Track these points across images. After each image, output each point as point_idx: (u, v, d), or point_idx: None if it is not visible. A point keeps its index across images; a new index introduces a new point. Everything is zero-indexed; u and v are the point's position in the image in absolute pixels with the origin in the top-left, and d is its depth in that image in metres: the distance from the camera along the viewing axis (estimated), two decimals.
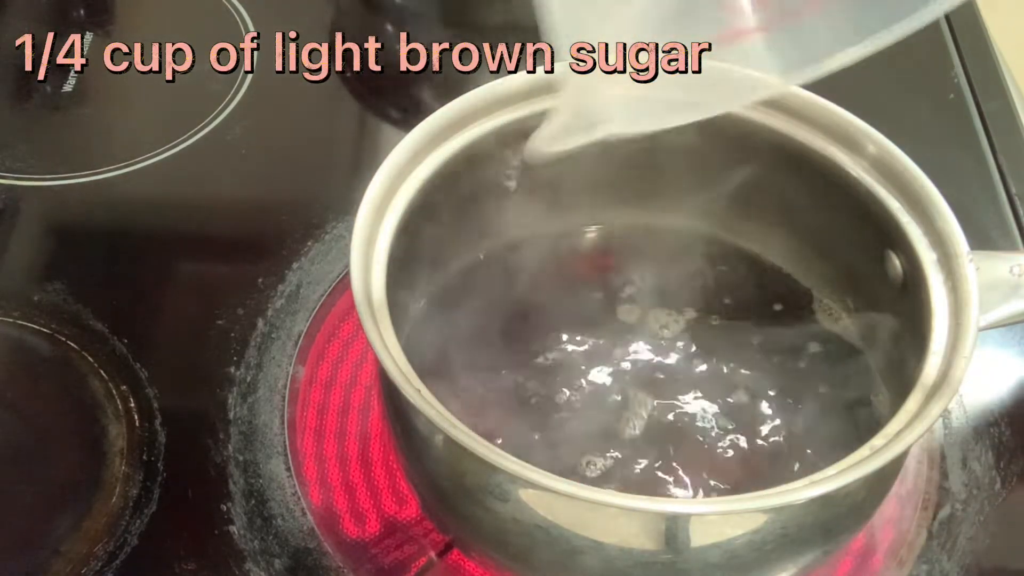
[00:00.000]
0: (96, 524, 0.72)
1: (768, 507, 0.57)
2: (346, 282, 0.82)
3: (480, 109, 0.71)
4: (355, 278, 0.62)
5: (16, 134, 0.96)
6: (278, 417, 0.77)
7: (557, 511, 0.59)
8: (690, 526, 0.58)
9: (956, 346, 0.60)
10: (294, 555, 0.71)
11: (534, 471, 0.55)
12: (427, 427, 0.62)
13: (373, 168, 0.66)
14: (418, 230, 0.69)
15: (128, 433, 0.76)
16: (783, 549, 0.60)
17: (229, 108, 0.98)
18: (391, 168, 0.67)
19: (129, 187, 0.92)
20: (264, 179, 0.95)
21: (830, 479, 0.55)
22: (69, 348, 0.80)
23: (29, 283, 0.85)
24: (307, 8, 1.10)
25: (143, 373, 0.79)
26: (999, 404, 0.78)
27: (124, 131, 0.98)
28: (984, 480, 0.74)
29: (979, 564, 0.71)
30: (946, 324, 0.62)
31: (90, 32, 1.05)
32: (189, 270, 0.88)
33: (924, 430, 0.57)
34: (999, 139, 0.95)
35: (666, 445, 0.69)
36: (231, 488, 0.74)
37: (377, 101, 1.01)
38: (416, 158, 0.68)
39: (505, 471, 0.55)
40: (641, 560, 0.59)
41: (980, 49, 1.04)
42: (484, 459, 0.55)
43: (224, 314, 0.82)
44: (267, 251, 0.87)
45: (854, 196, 0.69)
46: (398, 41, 1.06)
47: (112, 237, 0.90)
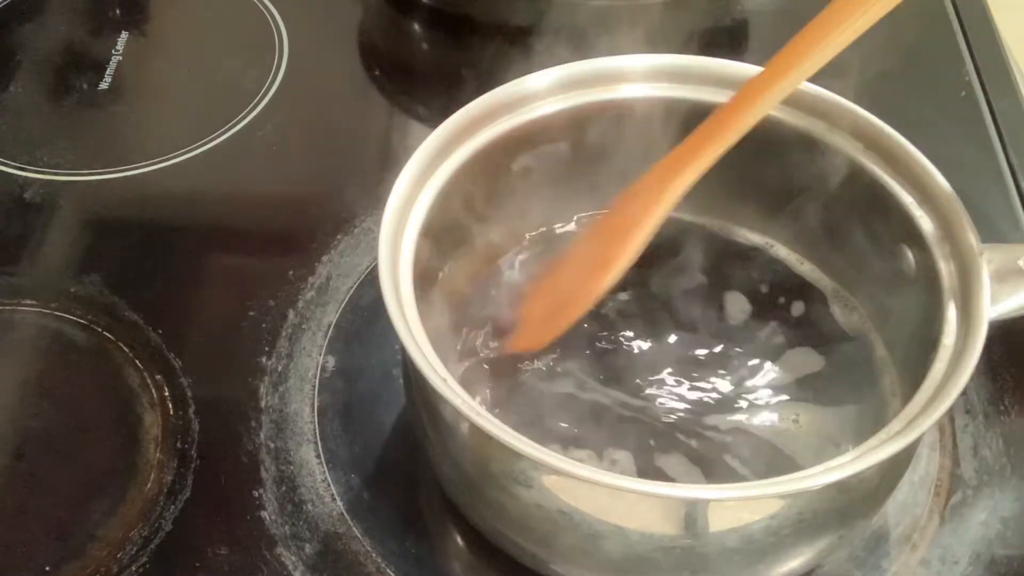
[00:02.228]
0: (131, 510, 0.72)
1: (785, 493, 0.57)
2: (375, 274, 0.83)
3: (505, 105, 0.71)
4: (383, 269, 0.62)
5: (54, 130, 0.97)
6: (308, 405, 0.78)
7: (579, 497, 0.59)
8: (709, 511, 0.58)
9: (967, 337, 0.60)
10: (324, 540, 0.71)
11: (557, 458, 0.56)
12: (453, 415, 0.62)
13: (401, 163, 0.67)
14: (444, 224, 0.69)
15: (162, 421, 0.76)
16: (799, 534, 0.61)
17: (261, 105, 0.98)
18: (419, 162, 0.68)
19: (163, 182, 0.93)
20: (295, 174, 0.95)
21: (845, 466, 0.56)
22: (105, 339, 0.81)
23: (66, 275, 0.85)
24: (336, 7, 1.11)
25: (177, 363, 0.80)
26: (1010, 392, 0.78)
27: (159, 128, 0.99)
28: (995, 467, 0.75)
29: (990, 549, 0.71)
30: (957, 316, 0.62)
31: (126, 31, 1.05)
32: (221, 263, 0.89)
33: (936, 418, 0.57)
34: (1009, 136, 0.95)
35: (686, 430, 0.70)
36: (262, 475, 0.74)
37: (404, 98, 1.01)
38: (443, 153, 0.69)
39: (529, 458, 0.56)
40: (661, 545, 0.60)
41: (990, 47, 1.04)
42: (509, 447, 0.56)
43: (256, 305, 0.83)
44: (298, 244, 0.87)
45: (868, 190, 0.69)
46: (425, 40, 1.07)
47: (147, 231, 0.90)
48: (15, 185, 0.92)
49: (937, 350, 0.61)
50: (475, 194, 0.72)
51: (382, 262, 0.63)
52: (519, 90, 0.72)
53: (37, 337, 0.82)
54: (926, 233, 0.66)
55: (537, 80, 0.72)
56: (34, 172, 0.93)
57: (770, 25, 1.05)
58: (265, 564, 0.70)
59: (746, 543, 0.60)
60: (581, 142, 0.74)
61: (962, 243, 0.64)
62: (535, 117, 0.72)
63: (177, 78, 1.03)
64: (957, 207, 0.65)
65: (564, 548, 0.63)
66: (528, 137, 0.73)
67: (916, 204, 0.67)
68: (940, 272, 0.64)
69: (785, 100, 0.69)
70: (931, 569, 0.71)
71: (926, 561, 0.71)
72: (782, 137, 0.71)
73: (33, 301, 0.84)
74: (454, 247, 0.73)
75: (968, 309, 0.62)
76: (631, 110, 0.73)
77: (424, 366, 0.59)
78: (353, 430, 0.77)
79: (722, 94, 0.71)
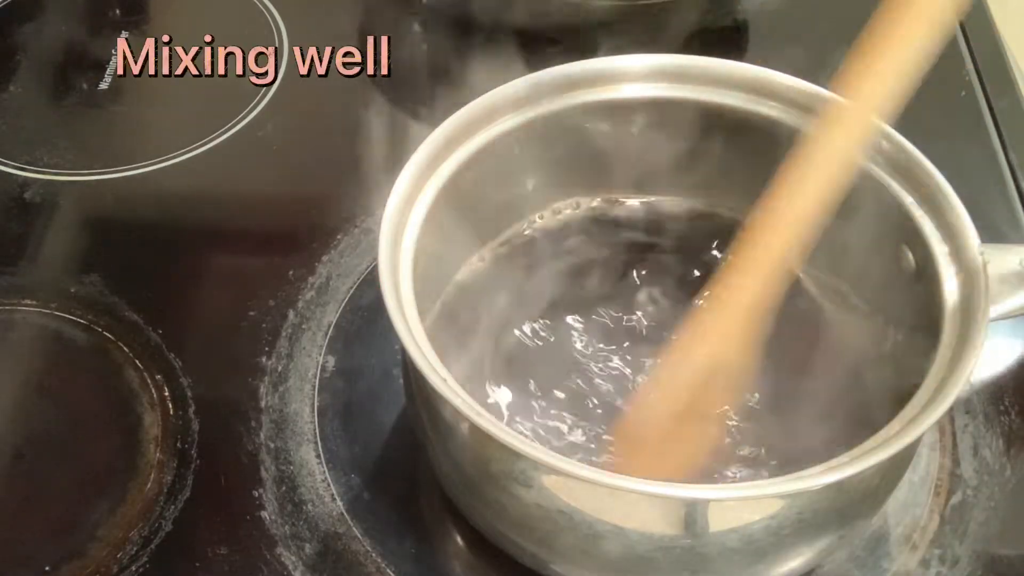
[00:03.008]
0: (131, 510, 0.72)
1: (784, 493, 0.58)
2: (375, 274, 0.83)
3: (506, 105, 0.72)
4: (383, 269, 0.62)
5: (54, 130, 0.97)
6: (308, 405, 0.78)
7: (580, 497, 0.59)
8: (708, 511, 0.58)
9: (966, 337, 0.60)
10: (324, 540, 0.72)
11: (557, 458, 0.56)
12: (452, 415, 0.62)
13: (401, 163, 0.67)
14: (444, 222, 0.69)
15: (162, 421, 0.76)
16: (800, 534, 0.61)
17: (261, 106, 0.98)
18: (420, 161, 0.68)
19: (163, 182, 0.93)
20: (295, 175, 0.95)
21: (844, 466, 0.56)
22: (105, 338, 0.81)
23: (66, 275, 0.85)
24: (337, 8, 1.11)
25: (177, 363, 0.80)
26: (1010, 392, 0.78)
27: (159, 128, 0.99)
28: (995, 467, 0.75)
29: (990, 549, 0.71)
30: (957, 316, 0.62)
31: (126, 31, 1.05)
32: (222, 263, 0.89)
33: (935, 419, 0.57)
34: (1009, 135, 0.95)
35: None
36: (263, 475, 0.74)
37: (404, 99, 1.01)
38: (443, 153, 0.69)
39: (529, 458, 0.56)
40: (661, 545, 0.60)
41: (990, 47, 1.04)
42: (509, 446, 0.56)
43: (256, 305, 0.83)
44: (298, 244, 0.87)
45: (869, 191, 0.69)
46: (425, 41, 1.08)
47: (147, 231, 0.90)
48: (15, 185, 0.92)
49: (936, 350, 0.61)
50: (475, 193, 0.72)
51: (382, 262, 0.63)
52: (519, 90, 0.72)
53: (37, 337, 0.82)
54: (927, 233, 0.66)
55: (540, 78, 0.72)
56: (34, 172, 0.93)
57: (770, 25, 1.05)
58: (265, 564, 0.70)
59: (746, 543, 0.60)
60: (582, 142, 0.74)
61: (962, 243, 0.64)
62: (537, 115, 0.72)
63: (177, 78, 1.03)
64: (957, 207, 0.65)
65: (564, 548, 0.63)
66: (529, 137, 0.73)
67: (916, 204, 0.67)
68: (940, 272, 0.64)
69: (786, 100, 0.69)
70: (931, 569, 0.71)
71: (926, 561, 0.71)
72: (782, 136, 0.71)
73: (33, 301, 0.84)
74: (455, 246, 0.74)
75: (968, 309, 0.62)
76: (631, 110, 0.73)
77: (424, 366, 0.59)
78: (353, 430, 0.77)
79: (722, 94, 0.71)
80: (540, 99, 0.72)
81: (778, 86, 0.72)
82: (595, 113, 0.73)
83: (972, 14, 1.06)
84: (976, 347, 0.60)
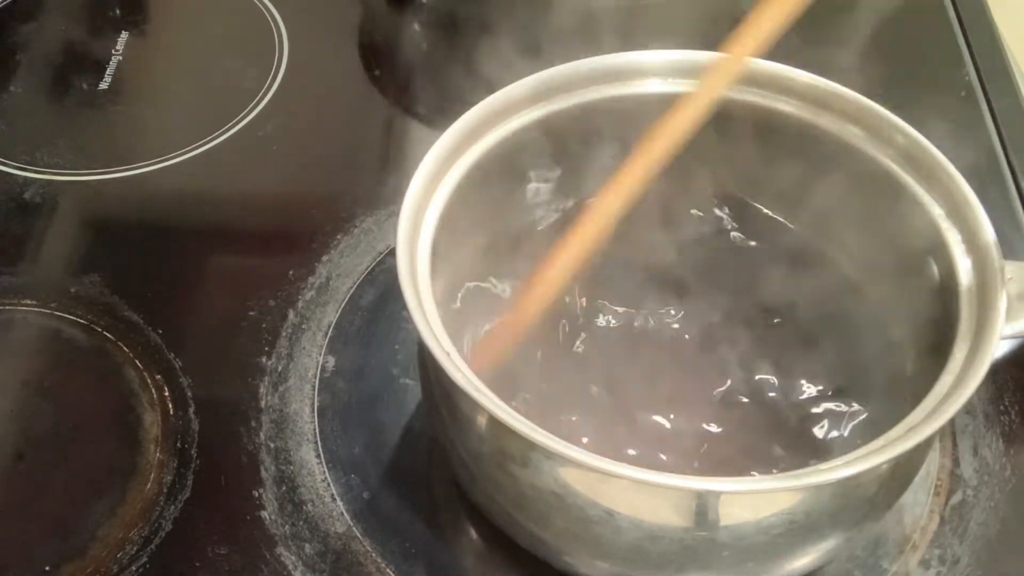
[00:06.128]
0: (131, 510, 0.73)
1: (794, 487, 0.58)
2: (375, 274, 0.83)
3: (520, 102, 0.72)
4: (401, 266, 0.62)
5: (54, 130, 0.97)
6: (308, 405, 0.78)
7: (598, 488, 0.59)
8: (719, 503, 0.58)
9: (978, 351, 0.60)
10: (324, 540, 0.72)
11: (571, 448, 0.56)
12: (471, 408, 0.62)
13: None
14: (460, 213, 0.69)
15: (162, 421, 0.77)
16: (805, 534, 0.61)
17: (261, 105, 0.98)
18: (435, 159, 0.68)
19: (163, 182, 0.93)
20: (295, 175, 0.95)
21: (853, 463, 0.56)
22: (105, 338, 0.81)
23: (66, 275, 0.86)
24: (336, 7, 1.11)
25: (177, 363, 0.80)
26: (1010, 392, 0.78)
27: (159, 128, 0.99)
28: (995, 467, 0.75)
29: (990, 549, 0.71)
30: (972, 329, 0.62)
31: (125, 31, 1.06)
32: (222, 263, 0.89)
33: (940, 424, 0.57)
34: (1009, 136, 0.95)
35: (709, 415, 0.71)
36: (263, 475, 0.74)
37: (404, 99, 1.01)
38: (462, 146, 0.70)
39: (544, 448, 0.56)
40: (677, 536, 0.59)
41: (990, 47, 1.04)
42: (526, 437, 0.56)
43: (256, 305, 0.83)
44: (298, 244, 0.87)
45: (899, 200, 0.69)
46: (425, 40, 1.08)
47: (147, 231, 0.90)
48: (15, 185, 0.92)
49: (948, 361, 0.61)
50: (490, 190, 0.72)
51: (400, 259, 0.62)
52: (534, 85, 0.72)
53: (37, 337, 0.82)
54: (951, 245, 0.66)
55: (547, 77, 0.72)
56: (34, 172, 0.93)
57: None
58: (265, 564, 0.71)
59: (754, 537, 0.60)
60: (594, 138, 0.74)
61: (984, 257, 0.64)
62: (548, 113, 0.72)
63: (177, 78, 1.03)
64: (983, 221, 0.65)
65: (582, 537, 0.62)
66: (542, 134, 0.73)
67: (944, 216, 0.67)
68: (960, 285, 0.64)
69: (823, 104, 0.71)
70: (931, 569, 0.71)
71: (926, 561, 0.71)
72: (816, 142, 0.72)
73: (33, 301, 0.84)
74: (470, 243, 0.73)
75: (983, 324, 0.62)
76: (642, 105, 0.73)
77: (445, 361, 0.58)
78: (353, 430, 0.77)
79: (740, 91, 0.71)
80: (552, 97, 0.72)
81: (796, 83, 0.72)
82: (606, 109, 0.73)
83: (972, 14, 1.07)
84: (985, 362, 0.59)
